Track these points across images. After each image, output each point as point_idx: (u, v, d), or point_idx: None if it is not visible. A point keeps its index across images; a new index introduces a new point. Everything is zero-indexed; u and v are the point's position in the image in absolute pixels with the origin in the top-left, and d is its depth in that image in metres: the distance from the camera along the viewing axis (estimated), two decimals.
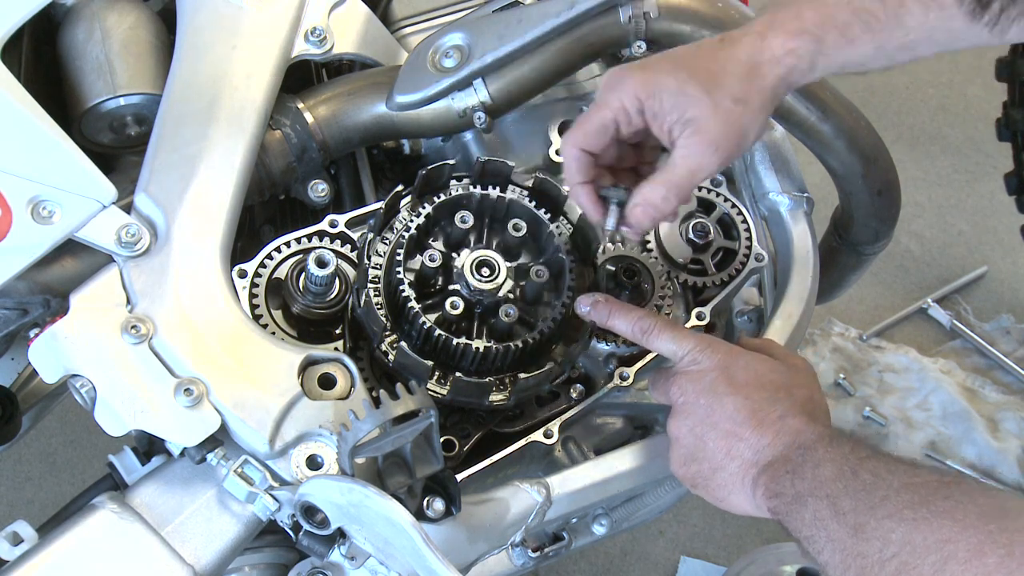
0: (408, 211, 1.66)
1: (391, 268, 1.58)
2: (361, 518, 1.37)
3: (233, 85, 1.66)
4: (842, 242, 2.09)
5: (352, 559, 1.45)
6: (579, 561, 2.91)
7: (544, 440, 1.66)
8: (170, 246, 1.54)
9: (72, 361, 1.47)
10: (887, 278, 3.50)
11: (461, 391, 1.58)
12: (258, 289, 1.62)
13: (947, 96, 3.92)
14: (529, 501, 1.61)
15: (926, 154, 3.77)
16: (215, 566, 1.46)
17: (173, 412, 1.45)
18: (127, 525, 1.44)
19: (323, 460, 1.47)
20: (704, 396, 1.47)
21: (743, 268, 1.80)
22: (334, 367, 1.55)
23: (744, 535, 3.02)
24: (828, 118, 1.83)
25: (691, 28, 1.73)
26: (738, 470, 1.43)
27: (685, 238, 1.79)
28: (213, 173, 1.60)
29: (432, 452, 1.42)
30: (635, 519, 1.88)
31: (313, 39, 1.75)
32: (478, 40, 1.70)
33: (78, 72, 1.69)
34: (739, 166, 1.95)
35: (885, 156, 1.92)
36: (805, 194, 1.92)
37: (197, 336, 1.50)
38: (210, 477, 1.48)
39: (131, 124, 1.70)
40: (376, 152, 1.91)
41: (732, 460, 1.43)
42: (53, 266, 1.53)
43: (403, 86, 1.72)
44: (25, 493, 2.87)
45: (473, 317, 1.59)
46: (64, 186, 1.49)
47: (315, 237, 1.68)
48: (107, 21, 1.70)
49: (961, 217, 3.66)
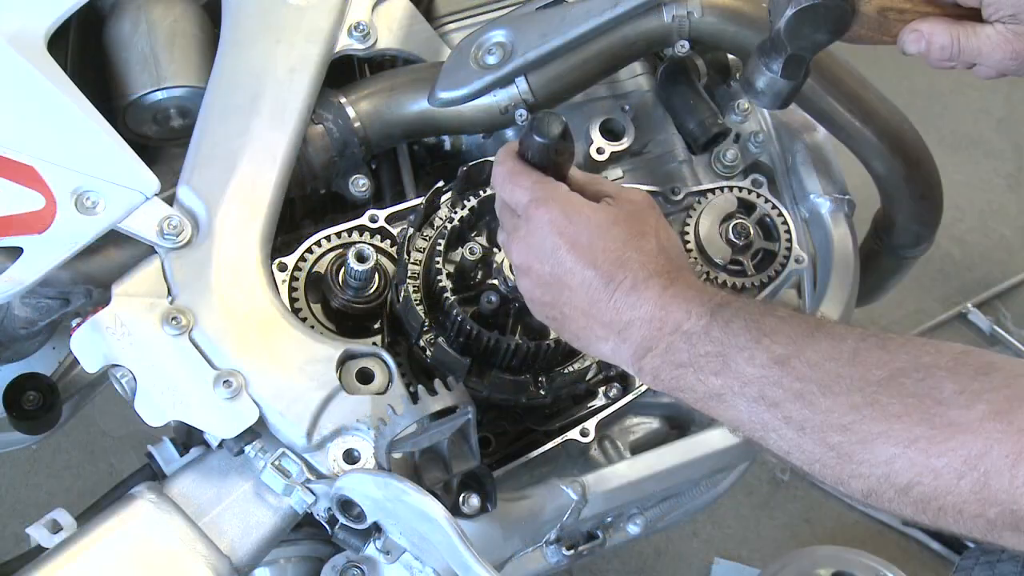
0: (448, 207, 1.66)
1: (431, 260, 1.59)
2: (397, 513, 1.37)
3: (277, 79, 1.67)
4: (883, 245, 2.08)
5: (387, 554, 1.46)
6: (612, 560, 2.90)
7: (580, 438, 1.66)
8: (212, 238, 1.55)
9: (113, 351, 1.48)
10: (927, 282, 3.47)
11: (498, 388, 1.58)
12: (298, 283, 1.63)
13: (991, 100, 3.88)
14: (565, 499, 1.61)
15: (968, 158, 3.74)
16: (251, 558, 1.47)
17: (212, 404, 1.46)
18: (165, 515, 1.45)
19: (360, 454, 1.48)
20: (548, 263, 1.33)
21: (783, 270, 1.79)
22: (372, 362, 1.55)
23: (779, 537, 3.01)
24: (871, 121, 1.82)
25: (735, 28, 1.72)
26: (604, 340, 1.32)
27: (725, 238, 1.78)
28: (255, 166, 1.61)
29: (469, 448, 1.42)
30: (669, 519, 1.88)
31: (357, 34, 1.76)
32: (521, 37, 1.70)
33: (123, 64, 1.70)
34: (780, 167, 1.94)
35: (928, 159, 1.90)
36: (846, 196, 1.91)
37: (237, 329, 1.51)
38: (247, 469, 1.49)
39: (175, 116, 1.72)
40: (417, 148, 1.91)
41: (594, 330, 1.32)
42: (96, 256, 1.54)
43: (445, 82, 1.73)
44: (64, 481, 2.89)
45: (509, 314, 1.59)
46: (108, 177, 1.50)
47: (355, 232, 1.69)
48: (153, 13, 1.71)
49: (1003, 222, 3.63)
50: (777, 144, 1.95)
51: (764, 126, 1.95)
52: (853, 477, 1.13)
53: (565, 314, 1.35)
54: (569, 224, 1.32)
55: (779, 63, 1.50)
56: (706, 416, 1.64)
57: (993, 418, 1.04)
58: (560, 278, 1.32)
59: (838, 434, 1.13)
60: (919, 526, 2.98)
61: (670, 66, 1.89)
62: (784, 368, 1.17)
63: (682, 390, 1.27)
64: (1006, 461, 1.02)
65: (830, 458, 1.14)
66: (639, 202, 1.39)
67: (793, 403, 1.16)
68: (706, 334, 1.24)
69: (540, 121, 1.36)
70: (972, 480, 1.04)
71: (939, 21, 1.45)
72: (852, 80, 1.80)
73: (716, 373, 1.22)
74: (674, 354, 1.26)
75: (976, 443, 1.04)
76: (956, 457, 1.04)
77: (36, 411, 1.85)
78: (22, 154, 1.47)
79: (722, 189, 1.82)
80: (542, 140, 1.35)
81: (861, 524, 3.03)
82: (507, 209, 1.41)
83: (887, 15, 1.47)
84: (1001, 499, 1.03)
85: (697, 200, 1.81)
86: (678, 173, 1.88)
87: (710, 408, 1.25)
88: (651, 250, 1.32)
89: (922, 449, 1.07)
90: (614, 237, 1.32)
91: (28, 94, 1.52)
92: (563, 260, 1.32)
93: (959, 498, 1.05)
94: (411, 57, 1.83)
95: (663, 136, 1.90)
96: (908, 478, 1.08)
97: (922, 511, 1.09)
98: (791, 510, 3.04)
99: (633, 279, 1.29)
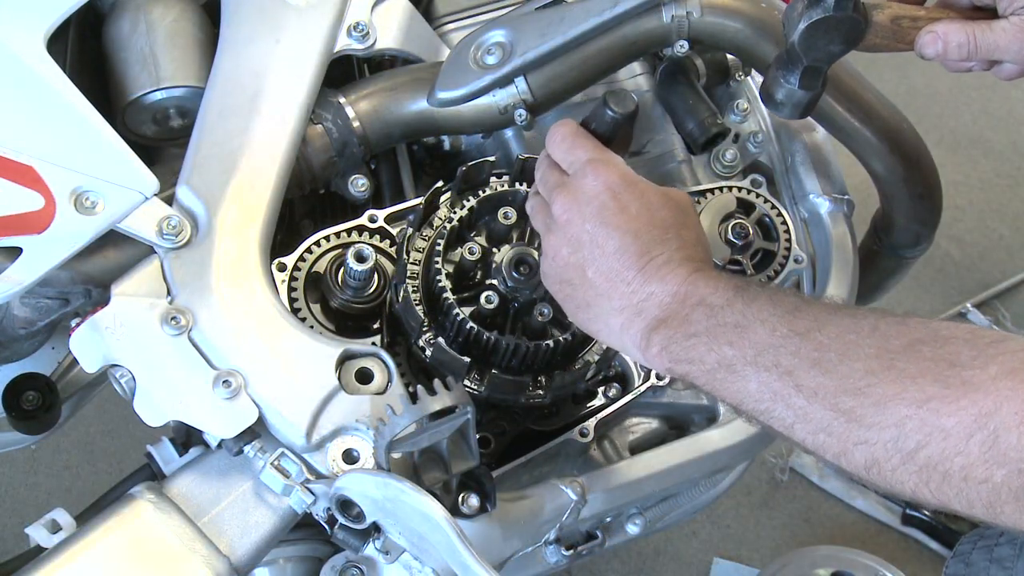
0: (447, 207, 1.66)
1: (430, 259, 1.59)
2: (396, 513, 1.37)
3: (276, 79, 1.67)
4: (882, 245, 2.08)
5: (386, 553, 1.46)
6: (612, 560, 2.90)
7: (580, 438, 1.66)
8: (211, 238, 1.55)
9: (112, 351, 1.48)
10: (926, 282, 3.47)
11: (498, 388, 1.58)
12: (297, 283, 1.63)
13: (990, 100, 3.88)
14: (564, 499, 1.61)
15: (967, 158, 3.74)
16: (251, 558, 1.47)
17: (211, 404, 1.46)
18: (164, 515, 1.45)
19: (359, 454, 1.48)
20: (591, 222, 1.35)
21: (782, 270, 1.79)
22: (371, 362, 1.55)
23: (778, 537, 3.01)
24: (870, 121, 1.82)
25: (734, 28, 1.72)
26: (618, 312, 1.34)
27: (724, 239, 1.78)
28: (254, 166, 1.61)
29: (468, 448, 1.42)
30: (669, 519, 1.88)
31: (356, 34, 1.76)
32: (520, 37, 1.70)
33: (122, 64, 1.70)
34: (780, 167, 1.94)
35: (927, 159, 1.90)
36: (846, 196, 1.91)
37: (236, 328, 1.51)
38: (247, 469, 1.49)
39: (174, 116, 1.72)
40: (416, 148, 1.92)
41: (611, 300, 1.35)
42: (95, 256, 1.54)
43: (445, 82, 1.73)
44: (63, 481, 2.89)
45: (508, 314, 1.59)
46: (107, 177, 1.50)
47: (354, 232, 1.69)
48: (152, 13, 1.71)
49: (1002, 222, 3.63)
50: (776, 144, 1.95)
51: (763, 126, 1.95)
52: (859, 444, 1.13)
53: (586, 278, 1.37)
54: (625, 190, 1.36)
55: (796, 75, 1.52)
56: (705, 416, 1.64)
57: (1006, 376, 1.04)
58: (596, 237, 1.35)
59: (852, 398, 1.13)
60: (917, 525, 2.98)
61: (669, 66, 1.89)
62: (804, 338, 1.19)
63: (690, 361, 1.27)
64: (1015, 418, 1.02)
65: (838, 424, 1.14)
66: (685, 199, 1.44)
67: (809, 370, 1.17)
68: (729, 306, 1.26)
69: (615, 95, 1.42)
70: (981, 439, 1.04)
71: (954, 21, 1.47)
72: (851, 80, 1.80)
73: (730, 343, 1.24)
74: (690, 325, 1.28)
75: (987, 401, 1.04)
76: (967, 416, 1.05)
77: (35, 411, 1.84)
78: (21, 154, 1.47)
79: (721, 189, 1.83)
80: (613, 114, 1.40)
81: (860, 524, 3.04)
82: (554, 168, 1.44)
83: (900, 23, 1.49)
84: (1010, 458, 1.03)
85: (696, 200, 1.81)
86: (677, 173, 1.88)
87: (716, 380, 1.26)
88: (690, 240, 1.37)
89: (934, 409, 1.07)
90: (662, 218, 1.36)
91: (27, 94, 1.52)
92: (608, 220, 1.35)
93: (967, 459, 1.05)
94: (410, 57, 1.83)
95: (662, 136, 1.90)
96: (917, 440, 1.08)
97: (927, 479, 1.09)
98: (790, 510, 3.05)
99: (668, 257, 1.33)
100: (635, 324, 1.33)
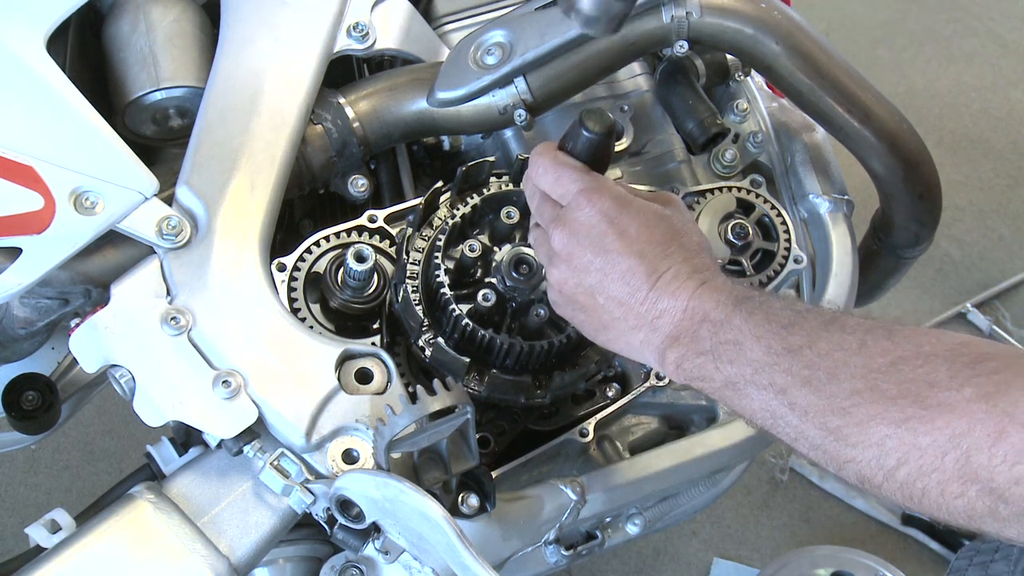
0: (447, 207, 1.66)
1: (430, 259, 1.59)
2: (396, 513, 1.37)
3: (275, 79, 1.67)
4: (882, 245, 2.08)
5: (386, 553, 1.46)
6: (611, 560, 2.90)
7: (579, 438, 1.66)
8: (210, 238, 1.55)
9: (112, 351, 1.48)
10: (926, 282, 3.48)
11: (497, 388, 1.58)
12: (297, 283, 1.63)
13: (990, 100, 3.89)
14: (563, 499, 1.61)
15: (967, 158, 3.75)
16: (250, 558, 1.47)
17: (211, 404, 1.46)
18: (164, 515, 1.45)
19: (359, 454, 1.48)
20: (592, 252, 1.35)
21: (782, 270, 1.79)
22: (371, 362, 1.55)
23: (778, 537, 3.01)
24: (870, 121, 1.82)
25: (734, 28, 1.72)
26: (632, 333, 1.35)
27: (724, 239, 1.78)
28: (254, 166, 1.61)
29: (468, 448, 1.42)
30: (669, 519, 1.88)
31: (355, 34, 1.76)
32: (520, 37, 1.70)
33: (122, 64, 1.70)
34: (779, 167, 1.94)
35: (927, 160, 1.90)
36: (845, 196, 1.91)
37: (235, 328, 1.51)
38: (246, 469, 1.49)
39: (174, 116, 1.72)
40: (416, 148, 1.92)
41: (627, 320, 1.35)
42: (95, 256, 1.54)
43: (444, 82, 1.73)
44: (63, 481, 2.90)
45: (505, 313, 1.59)
46: (107, 177, 1.50)
47: (354, 232, 1.69)
48: (152, 14, 1.71)
49: (1002, 222, 3.63)
50: (776, 144, 1.95)
51: (763, 126, 1.95)
52: (848, 462, 1.16)
53: (598, 304, 1.37)
54: (620, 213, 1.35)
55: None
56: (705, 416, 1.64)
57: (979, 400, 1.07)
58: (601, 266, 1.35)
59: (838, 418, 1.16)
60: (917, 525, 2.99)
61: (669, 66, 1.90)
62: (795, 356, 1.20)
63: (702, 379, 1.29)
64: (987, 440, 1.05)
65: (829, 443, 1.17)
66: (678, 203, 1.44)
67: (800, 389, 1.19)
68: (728, 322, 1.27)
69: (589, 115, 1.38)
70: (955, 457, 1.07)
71: None
72: (851, 80, 1.80)
73: (731, 361, 1.25)
74: (698, 343, 1.29)
75: (961, 422, 1.07)
76: (941, 435, 1.08)
77: (35, 411, 1.85)
78: (21, 154, 1.47)
79: (721, 189, 1.83)
80: (589, 135, 1.37)
81: (860, 524, 3.04)
82: (547, 200, 1.43)
83: None
84: (981, 476, 1.06)
85: (696, 200, 1.81)
86: (677, 173, 1.88)
87: (727, 398, 1.28)
88: (693, 247, 1.36)
89: (912, 428, 1.10)
90: (662, 231, 1.35)
91: (27, 94, 1.52)
92: (610, 248, 1.34)
93: (943, 475, 1.08)
94: (410, 57, 1.83)
95: (662, 136, 1.90)
96: (896, 458, 1.11)
97: (908, 494, 1.12)
98: (790, 510, 3.05)
99: (676, 271, 1.33)
100: (652, 341, 1.34)
